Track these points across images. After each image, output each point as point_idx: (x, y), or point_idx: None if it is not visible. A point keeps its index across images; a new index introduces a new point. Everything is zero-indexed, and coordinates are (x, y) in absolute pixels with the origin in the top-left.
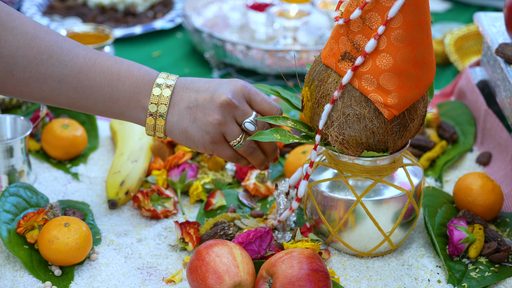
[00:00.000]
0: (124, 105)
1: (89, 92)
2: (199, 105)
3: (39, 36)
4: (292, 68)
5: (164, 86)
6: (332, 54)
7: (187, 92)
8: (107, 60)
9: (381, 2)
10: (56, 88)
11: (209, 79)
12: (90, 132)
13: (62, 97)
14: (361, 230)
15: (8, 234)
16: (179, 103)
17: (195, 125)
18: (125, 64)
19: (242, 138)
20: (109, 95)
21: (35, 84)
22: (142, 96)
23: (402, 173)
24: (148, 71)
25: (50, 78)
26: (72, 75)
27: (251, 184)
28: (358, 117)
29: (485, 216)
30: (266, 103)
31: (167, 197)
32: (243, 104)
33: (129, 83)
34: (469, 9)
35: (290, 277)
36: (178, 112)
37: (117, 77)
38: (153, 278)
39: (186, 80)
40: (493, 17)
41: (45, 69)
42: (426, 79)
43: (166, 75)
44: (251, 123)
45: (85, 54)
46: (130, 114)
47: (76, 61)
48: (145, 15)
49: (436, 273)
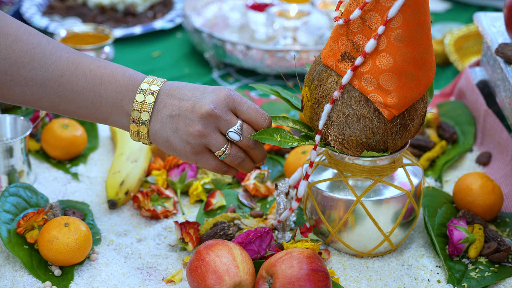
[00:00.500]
0: (107, 110)
1: (71, 96)
2: (181, 115)
3: (21, 38)
4: (292, 68)
5: (148, 92)
6: (332, 54)
7: (170, 99)
8: (91, 64)
9: (381, 2)
10: (38, 92)
11: (195, 86)
12: (90, 132)
13: (45, 101)
14: (361, 230)
15: (8, 234)
16: (162, 110)
17: (176, 134)
18: (108, 68)
19: (227, 148)
20: (92, 100)
21: (17, 87)
22: (125, 102)
23: (402, 173)
24: (133, 75)
25: (31, 82)
26: (53, 79)
27: (251, 184)
28: (358, 117)
29: (485, 216)
30: (252, 112)
31: (167, 197)
32: (226, 113)
33: (112, 89)
34: (469, 9)
35: (290, 277)
36: (160, 120)
37: (100, 82)
38: (153, 278)
39: (172, 85)
40: (493, 17)
41: (26, 72)
42: (426, 79)
43: (152, 80)
44: (235, 133)
45: (68, 57)
46: (113, 120)
47: (58, 64)
48: (145, 15)
49: (436, 273)
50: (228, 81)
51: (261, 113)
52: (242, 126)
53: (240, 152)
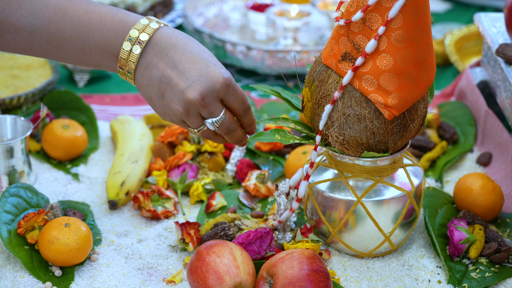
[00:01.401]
0: (97, 57)
1: (61, 44)
2: (170, 86)
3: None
4: (292, 68)
5: (136, 41)
6: (333, 54)
7: (163, 61)
8: (79, 9)
9: (381, 2)
10: (29, 40)
11: (195, 55)
12: (90, 132)
13: (36, 49)
14: (362, 231)
15: (9, 235)
16: (152, 69)
17: (160, 100)
18: (97, 13)
19: (201, 130)
20: (81, 47)
21: (8, 35)
22: (114, 49)
23: (403, 174)
24: (123, 19)
25: (21, 29)
26: (42, 26)
27: (251, 185)
28: (359, 118)
29: (486, 216)
30: (237, 103)
31: (168, 198)
32: (213, 104)
33: (100, 36)
34: (469, 9)
35: (291, 278)
36: (149, 78)
37: (88, 28)
38: (154, 279)
39: (169, 39)
40: (493, 18)
41: (15, 20)
42: (426, 79)
43: (144, 25)
44: (212, 124)
45: (56, 3)
46: (105, 65)
47: (45, 11)
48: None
49: (437, 273)
50: None
51: (244, 103)
52: (223, 119)
53: (212, 134)
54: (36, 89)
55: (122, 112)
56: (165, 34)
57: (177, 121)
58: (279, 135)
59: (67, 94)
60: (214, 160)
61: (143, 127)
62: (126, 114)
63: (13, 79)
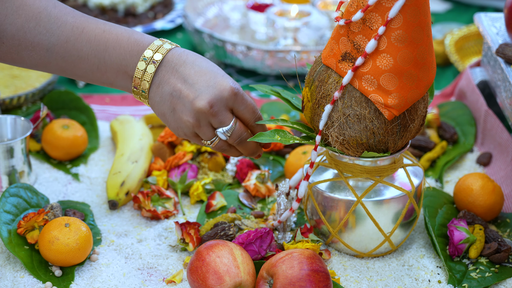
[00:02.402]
0: (112, 76)
1: (77, 62)
2: (180, 99)
3: (27, 3)
4: (292, 68)
5: (150, 61)
6: (333, 54)
7: (174, 77)
8: (96, 28)
9: (381, 2)
10: (45, 56)
11: (204, 68)
12: (90, 132)
13: (52, 65)
14: (362, 231)
15: (9, 235)
16: (163, 85)
17: (172, 115)
18: (113, 33)
19: (214, 141)
20: (97, 65)
21: (25, 52)
22: (129, 68)
23: (403, 174)
24: (139, 40)
25: (38, 47)
26: (59, 44)
27: (251, 185)
28: (359, 118)
29: (486, 216)
30: (248, 113)
31: (168, 198)
32: (222, 113)
33: (116, 55)
34: (469, 9)
35: (291, 278)
36: (161, 94)
37: (104, 47)
38: (154, 279)
39: (180, 57)
40: (493, 18)
41: (33, 37)
42: (426, 79)
43: (158, 46)
44: (223, 134)
45: (74, 22)
46: (119, 84)
47: (63, 29)
48: (146, 16)
49: (437, 273)
50: None
51: (255, 113)
52: (233, 127)
53: (225, 145)
54: (36, 89)
55: (122, 112)
56: (177, 52)
57: (190, 135)
58: (279, 135)
59: (67, 94)
60: (214, 160)
61: (143, 127)
62: (126, 114)
63: (13, 79)
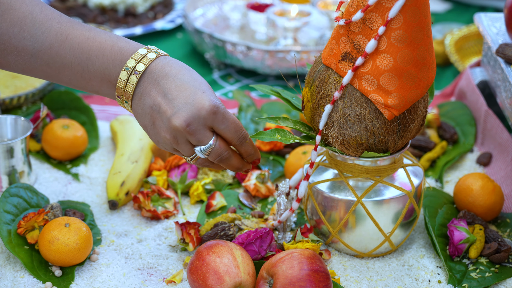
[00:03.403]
0: (97, 84)
1: (61, 68)
2: (160, 114)
3: (13, 7)
4: (292, 68)
5: (132, 71)
6: (333, 54)
7: (155, 90)
8: (80, 36)
9: (381, 2)
10: (30, 62)
11: (184, 83)
12: (90, 132)
13: (37, 71)
14: (362, 231)
15: (9, 235)
16: (145, 97)
17: (153, 128)
18: (97, 41)
19: (193, 158)
20: (81, 74)
21: (10, 56)
22: (112, 78)
23: (403, 174)
24: (122, 48)
25: (23, 52)
26: (43, 50)
27: (251, 185)
28: (359, 118)
29: (486, 216)
30: (229, 131)
31: (168, 198)
32: (200, 132)
33: (99, 64)
34: (469, 9)
35: (291, 278)
36: (142, 107)
37: (87, 56)
38: (154, 279)
39: (163, 68)
40: (493, 18)
41: (17, 42)
42: (426, 79)
43: (141, 55)
44: (201, 152)
45: (58, 28)
46: (105, 93)
47: (47, 35)
48: (146, 16)
49: (437, 273)
50: (228, 82)
51: (239, 132)
52: (212, 146)
53: (207, 162)
54: (36, 89)
55: (122, 112)
56: (160, 63)
57: (170, 149)
58: (279, 135)
59: (67, 94)
60: None
61: None
62: (126, 114)
63: (13, 79)
